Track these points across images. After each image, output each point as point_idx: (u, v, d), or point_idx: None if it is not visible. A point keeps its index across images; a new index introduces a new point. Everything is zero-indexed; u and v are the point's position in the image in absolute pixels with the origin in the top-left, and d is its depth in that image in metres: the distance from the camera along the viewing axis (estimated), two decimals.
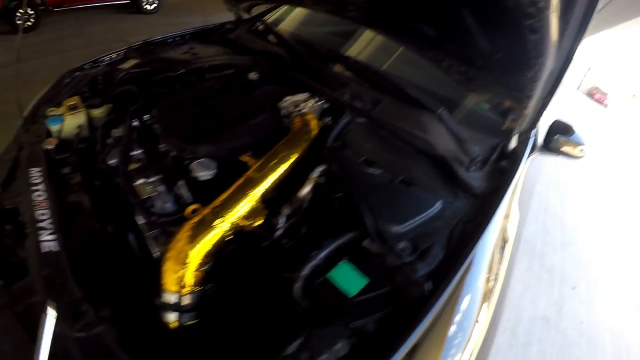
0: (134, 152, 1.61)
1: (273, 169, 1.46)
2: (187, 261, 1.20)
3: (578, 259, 5.32)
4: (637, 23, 9.70)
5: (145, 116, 1.81)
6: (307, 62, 2.15)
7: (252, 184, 1.39)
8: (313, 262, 1.23)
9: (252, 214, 1.33)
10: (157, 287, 1.22)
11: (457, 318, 1.19)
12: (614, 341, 4.19)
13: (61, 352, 0.99)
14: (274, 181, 1.45)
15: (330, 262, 1.24)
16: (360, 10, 1.88)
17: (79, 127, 1.84)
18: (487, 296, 1.31)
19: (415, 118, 1.75)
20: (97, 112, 1.91)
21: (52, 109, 1.85)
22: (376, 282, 1.18)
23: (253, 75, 2.21)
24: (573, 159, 2.36)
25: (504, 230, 1.52)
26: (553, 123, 2.31)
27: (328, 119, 1.81)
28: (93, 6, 8.44)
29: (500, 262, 1.45)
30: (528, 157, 1.91)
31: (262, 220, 1.33)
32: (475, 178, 1.57)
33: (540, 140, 2.25)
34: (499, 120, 1.78)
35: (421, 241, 1.30)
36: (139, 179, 1.46)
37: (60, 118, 1.80)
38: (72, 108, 1.85)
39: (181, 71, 2.20)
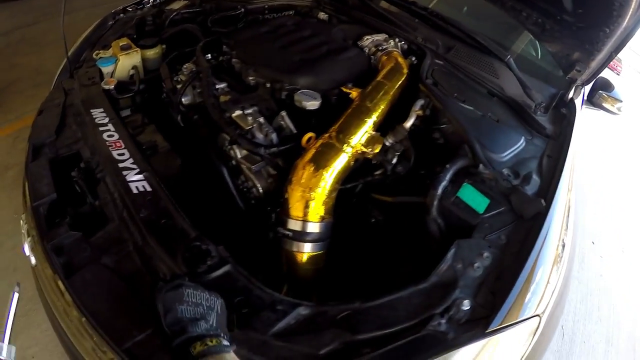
0: (219, 86, 1.55)
1: (381, 100, 1.49)
2: (318, 186, 1.19)
3: (598, 214, 5.27)
4: None
5: (214, 53, 1.74)
6: (370, 3, 2.19)
7: (366, 111, 1.41)
8: (444, 183, 1.26)
9: (370, 141, 1.34)
10: (271, 220, 1.23)
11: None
12: (630, 295, 4.15)
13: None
14: (382, 111, 1.48)
15: (452, 184, 1.29)
16: None
17: (134, 67, 1.77)
18: (556, 260, 1.26)
19: (487, 63, 1.88)
20: (152, 53, 1.84)
21: (99, 51, 1.77)
22: (496, 201, 1.24)
23: (323, 16, 2.21)
24: (612, 114, 2.51)
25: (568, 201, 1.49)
26: (598, 78, 2.46)
27: (413, 59, 1.88)
28: None
29: (566, 230, 1.41)
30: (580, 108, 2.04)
31: (380, 148, 1.35)
32: (543, 121, 1.72)
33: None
34: (548, 69, 1.95)
35: (520, 168, 1.39)
36: (234, 111, 1.41)
37: (113, 59, 1.71)
38: (125, 48, 1.75)
39: (240, 10, 2.13)
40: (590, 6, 1.59)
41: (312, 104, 1.44)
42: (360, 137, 1.34)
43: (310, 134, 1.34)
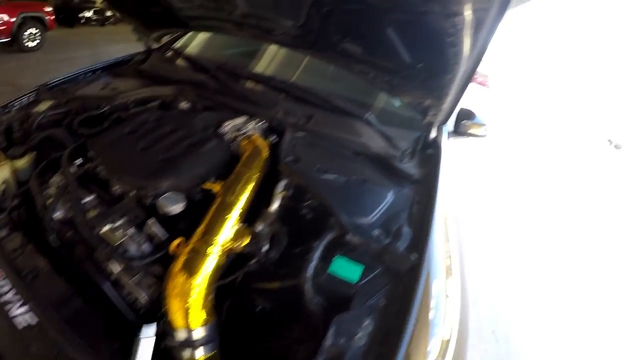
0: (86, 199, 1.47)
1: (242, 190, 1.47)
2: (192, 293, 1.17)
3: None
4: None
5: (80, 160, 1.65)
6: (231, 86, 2.19)
7: (228, 207, 1.39)
8: (312, 263, 1.27)
9: (238, 235, 1.33)
10: (160, 330, 1.17)
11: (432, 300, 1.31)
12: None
13: None
14: (247, 201, 1.46)
15: (323, 261, 1.32)
16: (287, 34, 2.03)
17: (5, 182, 1.64)
18: (448, 272, 1.44)
19: (347, 125, 1.93)
20: (22, 163, 1.72)
21: None
22: (370, 265, 1.29)
23: (184, 105, 2.12)
24: (480, 138, 2.71)
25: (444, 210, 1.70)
26: (459, 111, 2.66)
27: (273, 138, 1.88)
28: None
29: (447, 240, 1.62)
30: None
31: (249, 239, 1.34)
32: (410, 167, 1.78)
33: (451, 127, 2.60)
34: (410, 116, 2.06)
35: (391, 224, 1.45)
36: (103, 226, 1.36)
37: None
38: None
39: (105, 108, 2.03)
40: (428, 60, 1.69)
41: (175, 209, 1.40)
42: (227, 233, 1.31)
43: (178, 240, 1.29)
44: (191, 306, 1.16)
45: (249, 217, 1.43)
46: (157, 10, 2.42)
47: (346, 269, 1.27)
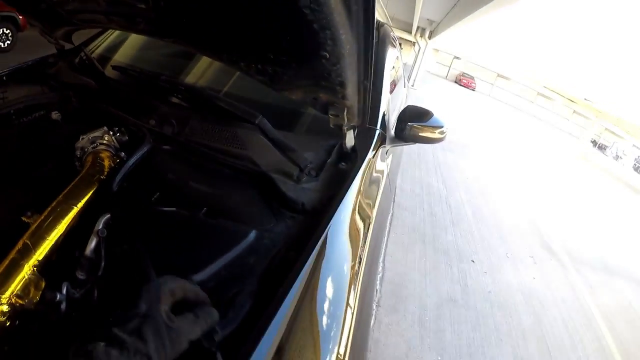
0: None
1: (51, 228, 1.15)
2: None
3: (470, 233, 5.51)
4: (495, 9, 10.45)
5: None
6: (115, 90, 1.86)
7: (27, 251, 1.09)
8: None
9: (26, 289, 1.03)
10: None
11: (325, 308, 1.07)
12: (524, 299, 4.48)
13: None
14: (52, 243, 1.14)
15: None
16: (149, 22, 1.60)
17: None
18: (353, 280, 1.20)
19: (231, 133, 1.53)
20: None
21: None
22: None
23: (55, 115, 1.84)
24: (434, 143, 2.31)
25: (359, 216, 1.42)
26: (403, 110, 2.23)
27: (123, 154, 1.50)
28: None
29: (364, 246, 1.37)
30: (376, 151, 1.80)
31: (39, 295, 1.04)
32: (308, 190, 1.39)
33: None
34: (322, 120, 1.61)
35: (224, 290, 1.06)
36: None
37: None
38: None
39: None
40: (292, 32, 1.19)
41: None
42: (15, 287, 1.01)
43: None
44: None
45: (62, 262, 1.13)
46: (43, 6, 2.02)
47: None
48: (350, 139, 1.54)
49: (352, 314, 1.13)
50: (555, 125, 38.38)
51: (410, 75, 21.56)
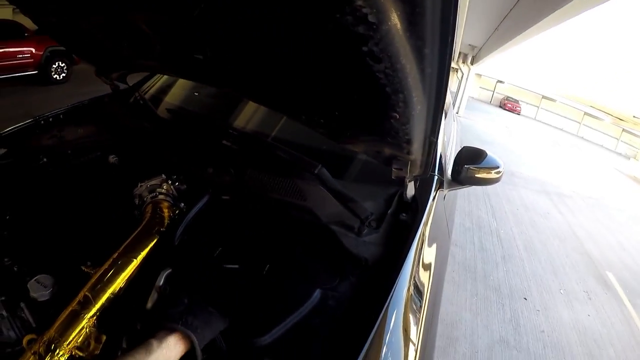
0: None
1: (111, 281, 1.16)
2: None
3: (522, 268, 5.32)
4: (537, 32, 10.30)
5: None
6: (169, 134, 1.87)
7: (87, 303, 1.10)
8: None
9: (86, 341, 1.05)
10: None
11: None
12: (580, 338, 4.28)
13: None
14: (111, 296, 1.15)
15: None
16: (206, 73, 1.61)
17: None
18: (417, 321, 1.22)
19: (290, 183, 1.49)
20: None
21: None
22: None
23: (112, 159, 1.85)
24: (491, 184, 2.24)
25: (420, 269, 1.37)
26: (459, 153, 2.17)
27: (182, 205, 1.50)
28: None
29: (428, 284, 1.37)
30: (435, 197, 1.73)
31: (99, 349, 1.05)
32: (369, 244, 1.34)
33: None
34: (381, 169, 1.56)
35: (289, 353, 1.04)
36: None
37: None
38: None
39: (43, 160, 1.81)
40: (358, 92, 1.16)
41: (41, 295, 1.17)
42: (74, 337, 1.02)
43: (30, 335, 1.05)
44: None
45: (122, 316, 1.15)
46: (99, 51, 2.08)
47: None
48: (411, 189, 1.49)
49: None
50: (604, 145, 37.05)
51: (455, 101, 21.33)
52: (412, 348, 1.12)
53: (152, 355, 0.88)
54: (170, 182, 1.56)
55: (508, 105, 38.91)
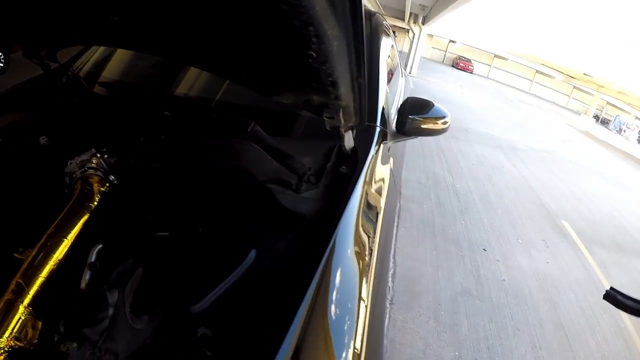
0: None
1: (42, 264, 1.09)
2: None
3: (480, 221, 5.44)
4: None
5: None
6: (103, 108, 1.80)
7: (20, 291, 1.04)
8: None
9: (23, 330, 0.99)
10: None
11: (338, 312, 1.03)
12: (540, 285, 4.45)
13: None
14: (44, 280, 1.08)
15: None
16: (122, 35, 1.52)
17: None
18: (364, 283, 1.15)
19: (223, 144, 1.43)
20: None
21: None
22: None
23: (42, 140, 1.74)
24: (438, 134, 2.24)
25: (365, 216, 1.35)
26: (403, 104, 2.15)
27: (112, 178, 1.42)
28: None
29: (372, 252, 1.30)
30: (378, 149, 1.72)
31: (37, 335, 1.00)
32: (309, 199, 1.31)
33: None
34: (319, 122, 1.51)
35: (227, 318, 1.01)
36: None
37: None
38: None
39: None
40: (267, 32, 1.10)
41: None
42: (12, 328, 0.97)
43: None
44: None
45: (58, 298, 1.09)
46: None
47: None
48: (349, 140, 1.45)
49: (366, 314, 1.09)
50: (555, 102, 38.15)
51: (407, 62, 21.42)
52: (362, 304, 1.10)
53: None
54: (99, 155, 1.47)
55: (460, 64, 39.54)
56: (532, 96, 37.15)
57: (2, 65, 8.72)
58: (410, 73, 20.68)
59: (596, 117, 34.98)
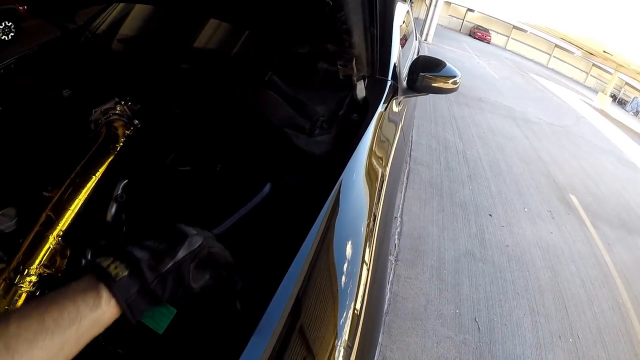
0: None
1: (71, 199, 1.18)
2: None
3: (487, 187, 5.46)
4: None
5: None
6: (123, 63, 1.85)
7: (50, 223, 1.12)
8: None
9: (52, 259, 1.07)
10: None
11: (341, 263, 1.07)
12: (542, 253, 4.49)
13: None
14: (74, 212, 1.17)
15: None
16: None
17: None
18: (367, 235, 1.20)
19: (241, 92, 1.51)
20: None
21: None
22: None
23: (66, 93, 1.80)
24: (448, 93, 2.26)
25: (373, 166, 1.41)
26: (415, 61, 2.18)
27: (136, 122, 1.50)
28: None
29: (378, 201, 1.36)
30: (389, 102, 1.76)
31: (65, 263, 1.08)
32: (321, 142, 1.37)
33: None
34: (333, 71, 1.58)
35: (241, 242, 1.05)
36: None
37: None
38: None
39: None
40: None
41: (7, 227, 1.17)
42: (41, 257, 1.05)
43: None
44: None
45: (85, 229, 1.16)
46: None
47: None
48: (360, 90, 1.51)
49: (368, 269, 1.15)
50: (573, 78, 37.39)
51: (423, 29, 21.01)
52: (361, 243, 1.17)
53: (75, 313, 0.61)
54: (123, 102, 1.55)
55: (478, 33, 38.67)
56: (550, 70, 36.41)
57: (12, 34, 8.74)
58: (425, 40, 20.32)
59: (613, 97, 34.20)
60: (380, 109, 1.59)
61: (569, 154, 9.17)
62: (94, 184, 1.23)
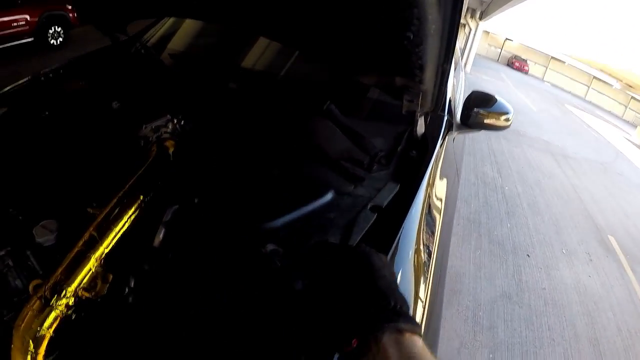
0: None
1: (117, 219, 1.13)
2: (30, 350, 0.93)
3: (526, 225, 5.30)
4: None
5: None
6: (175, 79, 1.84)
7: (92, 243, 1.07)
8: None
9: (93, 282, 1.02)
10: None
11: None
12: (580, 298, 4.31)
13: None
14: (117, 234, 1.11)
15: None
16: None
17: None
18: (424, 273, 1.19)
19: (298, 120, 1.45)
20: None
21: None
22: None
23: (115, 105, 1.80)
24: (500, 130, 2.21)
25: (430, 208, 1.37)
26: (469, 96, 2.11)
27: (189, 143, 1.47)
28: None
29: (435, 240, 1.33)
30: (444, 138, 1.69)
31: (106, 288, 1.03)
32: (373, 181, 1.29)
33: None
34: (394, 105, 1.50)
35: (294, 242, 1.07)
36: None
37: None
38: None
39: (45, 114, 1.77)
40: (369, 13, 1.10)
41: (46, 239, 1.14)
42: (81, 278, 0.99)
43: (36, 281, 1.02)
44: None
45: (129, 254, 1.12)
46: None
47: None
48: (421, 126, 1.45)
49: (424, 307, 1.11)
50: (612, 111, 36.62)
51: (461, 58, 20.93)
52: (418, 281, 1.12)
53: None
54: (175, 121, 1.52)
55: (516, 64, 38.25)
56: (588, 103, 35.75)
57: (61, 39, 9.03)
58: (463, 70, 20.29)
59: None
60: (438, 144, 1.53)
61: (608, 192, 8.88)
62: (141, 205, 1.19)
